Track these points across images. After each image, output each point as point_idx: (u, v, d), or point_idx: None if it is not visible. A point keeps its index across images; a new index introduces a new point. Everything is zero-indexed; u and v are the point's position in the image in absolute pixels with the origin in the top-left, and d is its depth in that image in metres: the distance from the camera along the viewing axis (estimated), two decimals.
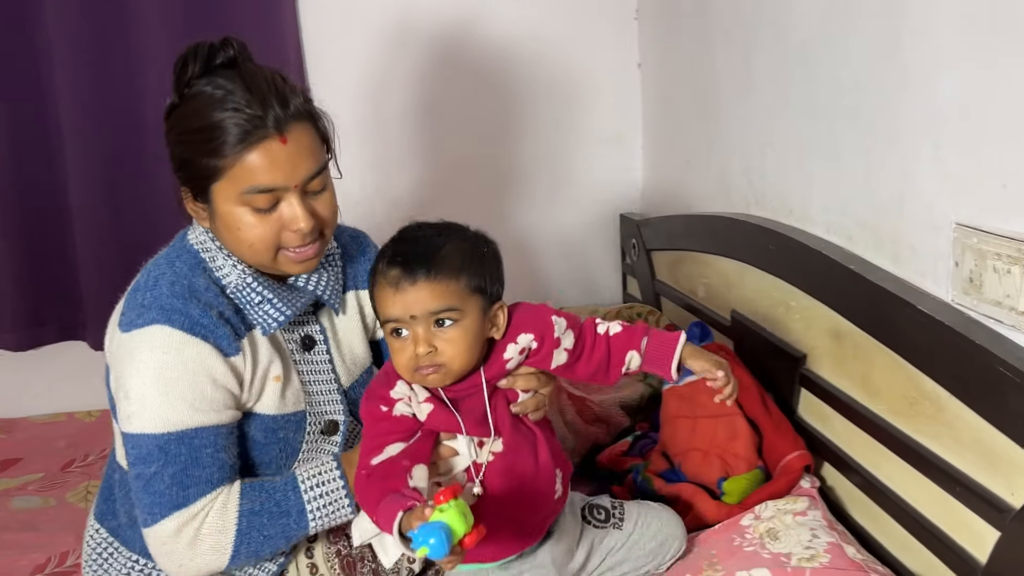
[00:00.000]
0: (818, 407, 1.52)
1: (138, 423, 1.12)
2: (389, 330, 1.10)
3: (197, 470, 1.12)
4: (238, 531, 1.13)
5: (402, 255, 1.08)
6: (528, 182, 2.53)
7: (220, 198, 1.13)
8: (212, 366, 1.13)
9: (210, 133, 1.09)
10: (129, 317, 1.14)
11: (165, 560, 1.15)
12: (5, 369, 2.41)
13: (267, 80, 1.12)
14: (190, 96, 1.12)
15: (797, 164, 1.61)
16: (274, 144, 1.10)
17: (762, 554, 1.21)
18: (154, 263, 1.21)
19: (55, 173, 2.27)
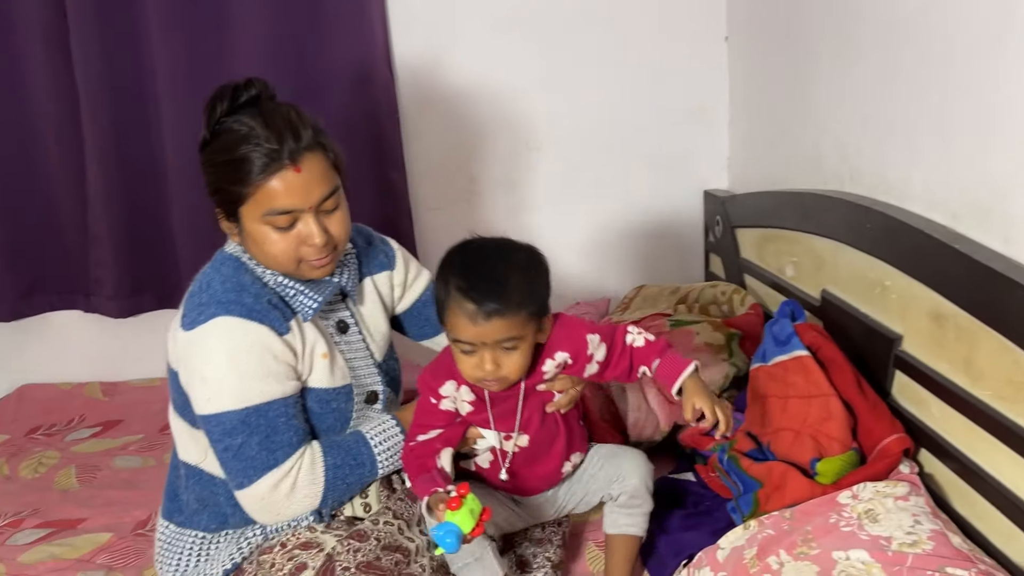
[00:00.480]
0: (914, 390, 1.47)
1: (217, 403, 1.30)
2: (460, 347, 1.29)
3: (278, 435, 1.31)
4: (326, 482, 1.35)
5: (477, 291, 1.25)
6: (608, 157, 2.50)
7: (247, 218, 1.31)
8: (270, 344, 1.31)
9: (237, 165, 1.28)
10: (190, 317, 1.32)
11: (264, 513, 1.35)
12: (107, 335, 2.53)
13: (283, 117, 1.30)
14: (219, 132, 1.30)
15: (899, 139, 1.56)
16: (289, 173, 1.28)
17: (860, 535, 1.18)
18: (201, 274, 1.40)
19: (153, 147, 2.36)
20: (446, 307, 1.28)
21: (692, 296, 2.25)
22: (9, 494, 1.92)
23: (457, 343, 1.29)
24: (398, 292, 1.60)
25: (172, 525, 1.45)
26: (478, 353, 1.28)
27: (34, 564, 1.62)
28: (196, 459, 1.41)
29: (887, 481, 1.31)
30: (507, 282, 1.26)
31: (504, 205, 2.52)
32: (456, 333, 1.28)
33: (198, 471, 1.41)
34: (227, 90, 1.30)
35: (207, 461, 1.40)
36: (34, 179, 2.38)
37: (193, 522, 1.43)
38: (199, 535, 1.43)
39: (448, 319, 1.29)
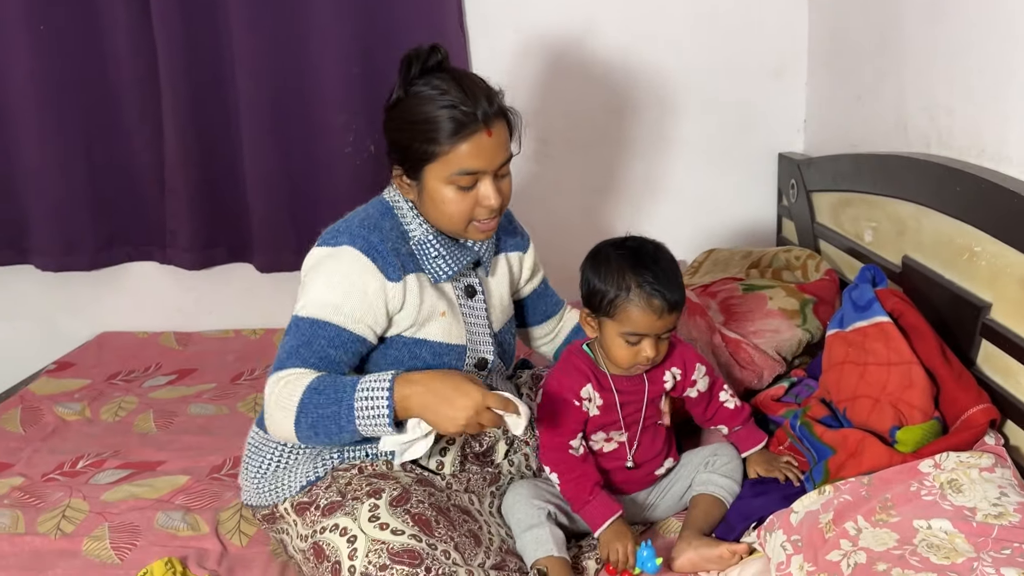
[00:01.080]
0: (1001, 360, 1.42)
1: (297, 307, 1.39)
2: (627, 339, 1.40)
3: (305, 350, 1.35)
4: (300, 402, 1.31)
5: (663, 286, 1.37)
6: (682, 120, 2.45)
7: (430, 177, 1.37)
8: (368, 282, 1.37)
9: (429, 125, 1.33)
10: (324, 238, 1.43)
11: (264, 413, 1.38)
12: (182, 287, 2.60)
13: (475, 82, 1.37)
14: (412, 93, 1.36)
15: (994, 98, 1.49)
16: (482, 136, 1.34)
17: (942, 505, 1.16)
18: (353, 211, 1.47)
19: (228, 106, 2.40)
20: (624, 302, 1.37)
21: (764, 260, 2.20)
22: (91, 436, 1.99)
23: (627, 335, 1.39)
24: (526, 275, 1.67)
25: (261, 432, 1.50)
26: (641, 343, 1.39)
27: (116, 503, 1.68)
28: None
29: (971, 452, 1.27)
30: (679, 277, 1.42)
31: (576, 167, 2.49)
32: (634, 327, 1.38)
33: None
34: (420, 53, 1.36)
35: None
36: (114, 135, 2.45)
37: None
38: (280, 446, 1.48)
39: (623, 313, 1.38)
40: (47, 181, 2.42)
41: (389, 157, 1.43)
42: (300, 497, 1.42)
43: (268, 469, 1.47)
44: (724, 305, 1.97)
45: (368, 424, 1.29)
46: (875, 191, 1.87)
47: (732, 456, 1.56)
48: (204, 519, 1.63)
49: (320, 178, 2.43)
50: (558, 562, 1.35)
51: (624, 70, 2.41)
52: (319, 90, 2.36)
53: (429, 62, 1.36)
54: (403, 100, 1.37)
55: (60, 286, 2.58)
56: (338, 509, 1.34)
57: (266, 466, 1.48)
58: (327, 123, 2.38)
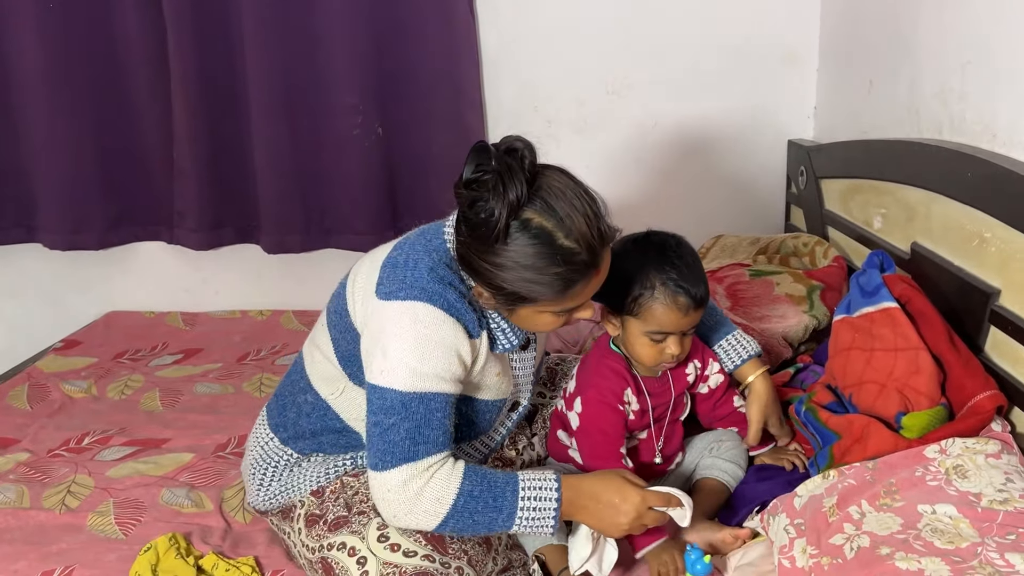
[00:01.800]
0: (1010, 347, 1.41)
1: (390, 378, 1.22)
2: (652, 338, 1.35)
3: (428, 430, 1.22)
4: (453, 506, 1.22)
5: (689, 284, 1.33)
6: (689, 104, 2.43)
7: (527, 310, 1.24)
8: (460, 344, 1.25)
9: (536, 285, 1.18)
10: (389, 288, 1.26)
11: (383, 505, 1.25)
12: (189, 267, 2.60)
13: (583, 213, 1.17)
14: (511, 239, 1.16)
15: (1008, 82, 1.47)
16: (592, 280, 1.21)
17: (947, 490, 1.15)
18: (410, 245, 1.30)
19: (236, 87, 2.39)
20: (649, 300, 1.32)
21: (772, 247, 2.19)
22: (97, 413, 2.00)
23: (652, 334, 1.35)
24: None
25: (276, 440, 1.46)
26: (666, 340, 1.35)
27: (121, 479, 1.69)
28: (327, 393, 1.41)
29: (977, 438, 1.27)
30: (703, 272, 1.37)
31: (580, 150, 2.48)
32: (660, 325, 1.34)
33: (326, 405, 1.41)
34: (515, 174, 1.14)
35: (340, 399, 1.39)
36: (123, 115, 2.45)
37: (294, 444, 1.45)
38: (292, 454, 1.44)
39: (649, 312, 1.33)
40: (55, 160, 2.43)
41: (464, 264, 1.24)
42: (310, 506, 1.39)
43: (276, 479, 1.44)
44: (731, 290, 1.96)
45: (526, 528, 1.25)
46: (885, 177, 1.86)
47: (736, 441, 1.55)
48: (208, 496, 1.63)
49: (328, 160, 2.43)
50: (557, 549, 1.36)
51: (633, 55, 2.39)
52: (328, 71, 2.36)
53: (526, 176, 1.15)
54: (502, 246, 1.16)
55: (68, 265, 2.59)
56: (344, 526, 1.31)
57: (272, 474, 1.45)
58: (336, 105, 2.37)
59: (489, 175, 1.15)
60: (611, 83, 2.43)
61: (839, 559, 1.11)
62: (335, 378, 1.39)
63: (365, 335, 1.29)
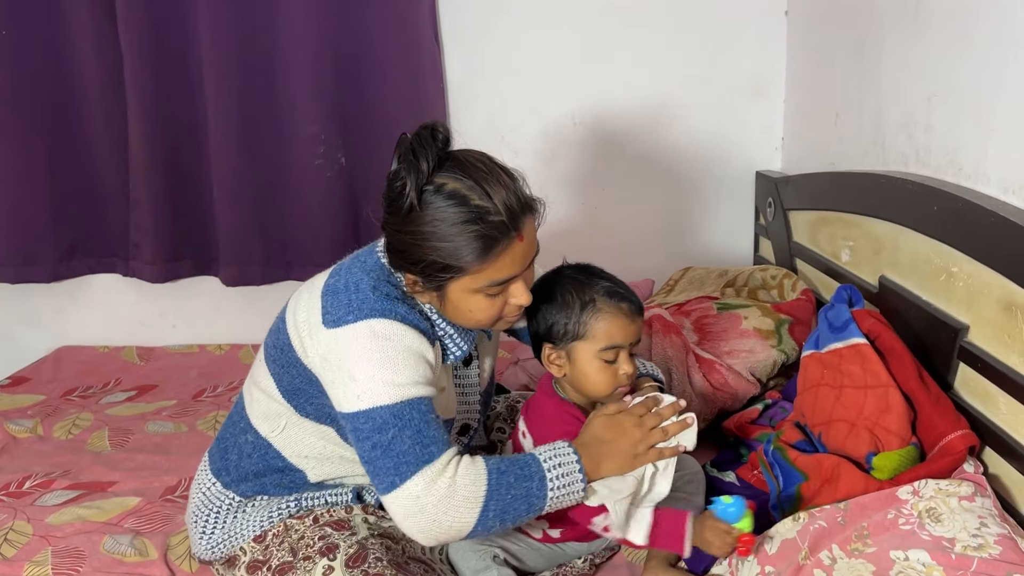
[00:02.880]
0: (979, 384, 1.38)
1: (370, 398, 1.18)
2: (606, 357, 1.30)
3: (430, 431, 1.19)
4: (489, 484, 1.17)
5: (623, 290, 1.32)
6: (656, 135, 2.42)
7: (456, 291, 1.22)
8: (425, 350, 1.22)
9: (453, 246, 1.16)
10: (336, 315, 1.22)
11: (416, 519, 1.17)
12: (146, 300, 2.53)
13: (497, 179, 1.18)
14: (426, 204, 1.16)
15: (973, 115, 1.46)
16: (515, 245, 1.19)
17: (920, 535, 1.11)
18: (346, 270, 1.28)
19: (196, 115, 2.34)
20: (594, 313, 1.29)
21: (740, 279, 2.16)
22: (41, 454, 1.91)
23: (605, 351, 1.30)
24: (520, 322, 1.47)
25: (219, 484, 1.41)
26: (617, 360, 1.31)
27: (61, 525, 1.60)
28: (267, 431, 1.36)
29: (951, 479, 1.23)
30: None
31: (547, 180, 2.45)
32: (611, 338, 1.29)
33: (267, 443, 1.36)
34: (427, 145, 1.16)
35: (280, 436, 1.34)
36: (77, 143, 2.39)
37: (236, 487, 1.39)
38: (235, 498, 1.39)
39: (597, 328, 1.29)
40: (4, 190, 2.36)
41: (391, 255, 1.24)
42: (253, 552, 1.33)
43: (220, 524, 1.39)
44: (698, 324, 1.92)
45: (561, 493, 1.21)
46: (852, 209, 1.84)
47: (695, 472, 1.48)
48: (153, 543, 1.55)
49: (289, 190, 2.37)
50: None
51: (600, 86, 2.37)
52: (289, 100, 2.31)
53: (437, 148, 1.16)
54: (417, 212, 1.16)
55: (18, 298, 2.51)
56: (289, 572, 1.25)
57: (215, 521, 1.39)
58: (297, 134, 2.33)
59: (403, 148, 1.17)
60: (577, 114, 2.40)
61: None
62: (276, 415, 1.34)
63: (326, 369, 1.23)
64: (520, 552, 1.39)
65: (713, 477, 1.59)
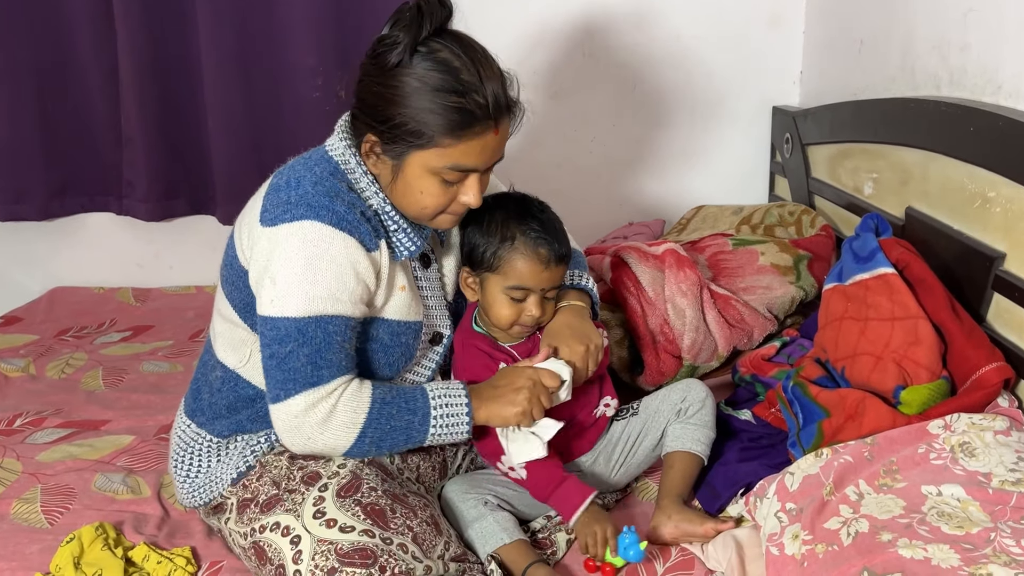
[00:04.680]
0: (1015, 315, 1.31)
1: (280, 306, 1.17)
2: (512, 295, 1.30)
3: (329, 353, 1.17)
4: (369, 413, 1.19)
5: (547, 237, 1.29)
6: (667, 69, 2.31)
7: (414, 163, 1.18)
8: (357, 259, 1.18)
9: (431, 110, 1.13)
10: (274, 213, 1.18)
11: (291, 434, 1.20)
12: (141, 240, 2.45)
13: (490, 63, 1.16)
14: (417, 63, 1.13)
15: (1013, 30, 1.36)
16: (489, 136, 1.16)
17: (954, 469, 1.04)
18: (290, 168, 1.25)
19: (188, 46, 2.24)
20: (510, 249, 1.29)
21: (756, 217, 2.08)
22: (33, 393, 1.85)
23: (512, 289, 1.29)
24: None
25: (193, 425, 1.37)
26: (527, 300, 1.30)
27: (52, 463, 1.55)
28: (235, 363, 1.32)
29: (984, 414, 1.16)
30: (565, 232, 1.34)
31: (556, 116, 2.36)
32: (520, 279, 1.29)
33: (235, 375, 1.32)
34: (433, 8, 1.14)
35: (247, 366, 1.30)
36: (66, 78, 2.29)
37: (211, 426, 1.35)
38: (212, 439, 1.35)
39: (508, 265, 1.29)
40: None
41: (358, 116, 1.21)
42: (239, 492, 1.28)
43: (202, 467, 1.34)
44: (713, 260, 1.84)
45: (444, 431, 1.24)
46: (877, 139, 1.75)
47: (703, 398, 1.42)
48: (146, 482, 1.50)
49: (287, 125, 2.28)
50: (511, 547, 1.25)
51: (610, 17, 2.26)
52: (285, 30, 2.21)
53: (443, 16, 1.15)
54: (404, 69, 1.13)
55: (9, 237, 2.43)
56: (277, 504, 1.20)
57: (198, 463, 1.34)
58: (295, 66, 2.23)
59: (407, 8, 1.14)
60: (588, 47, 2.30)
61: (835, 546, 1.00)
62: (240, 342, 1.30)
63: (252, 267, 1.21)
64: (511, 497, 1.35)
65: (728, 415, 1.53)
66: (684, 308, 1.65)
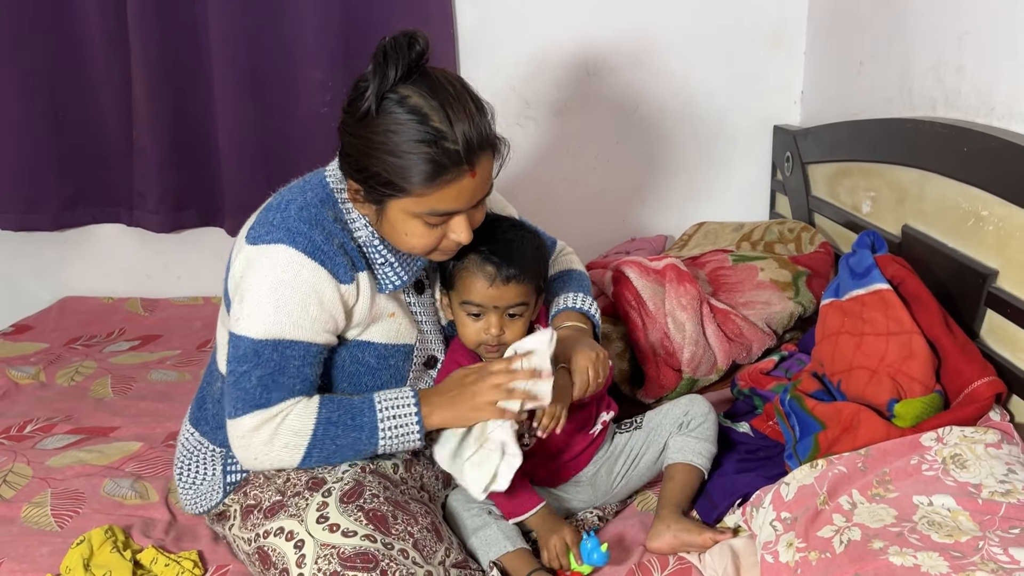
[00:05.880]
0: (1008, 331, 1.33)
1: (244, 325, 1.20)
2: (468, 310, 1.31)
3: (282, 377, 1.20)
4: (313, 436, 1.22)
5: (498, 256, 1.28)
6: (671, 87, 2.34)
7: (396, 210, 1.18)
8: (323, 290, 1.20)
9: (402, 162, 1.13)
10: (257, 232, 1.22)
11: (242, 451, 1.24)
12: (150, 251, 2.49)
13: (462, 103, 1.13)
14: (384, 111, 1.12)
15: (1007, 53, 1.40)
16: (465, 180, 1.15)
17: (945, 480, 1.07)
18: (287, 188, 1.27)
19: (200, 60, 2.28)
20: (461, 267, 1.30)
21: (756, 233, 2.11)
22: (43, 400, 1.89)
23: (466, 305, 1.31)
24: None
25: (197, 433, 1.40)
26: (484, 318, 1.31)
27: (61, 468, 1.58)
28: None
29: (976, 427, 1.18)
30: (524, 253, 1.32)
31: (560, 132, 2.39)
32: (468, 294, 1.31)
33: None
34: (399, 46, 1.11)
35: None
36: (80, 89, 2.33)
37: (214, 435, 1.38)
38: (214, 448, 1.37)
39: (460, 281, 1.31)
40: (6, 136, 2.30)
41: (341, 159, 1.21)
42: (242, 499, 1.30)
43: (206, 475, 1.36)
44: (713, 276, 1.87)
45: (394, 441, 1.24)
46: (875, 158, 1.78)
47: (706, 413, 1.44)
48: (154, 487, 1.53)
49: (296, 139, 2.32)
50: (514, 555, 1.27)
51: (614, 36, 2.30)
52: (295, 46, 2.25)
53: (411, 58, 1.12)
54: (373, 118, 1.12)
55: (21, 246, 2.46)
56: (280, 510, 1.23)
57: (203, 472, 1.37)
58: (304, 80, 2.27)
59: (376, 51, 1.12)
60: (591, 64, 2.34)
61: (827, 553, 1.02)
62: None
63: (230, 281, 1.25)
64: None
65: (727, 428, 1.55)
66: (684, 322, 1.68)
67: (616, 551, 1.29)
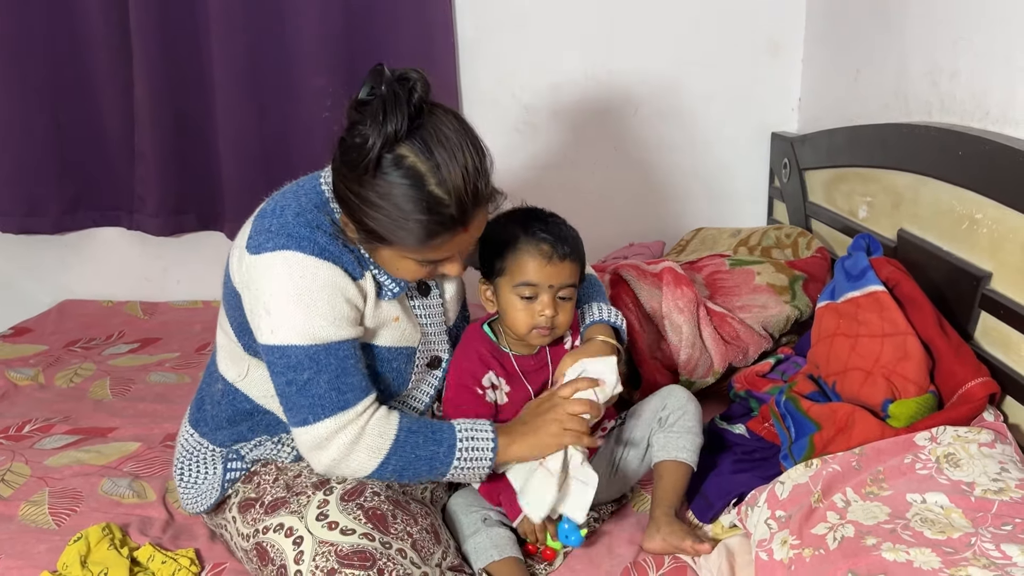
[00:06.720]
0: (1001, 332, 1.34)
1: (283, 335, 1.17)
2: (521, 293, 1.31)
3: (348, 378, 1.19)
4: (395, 440, 1.21)
5: (552, 234, 1.30)
6: (670, 94, 2.36)
7: (389, 253, 1.19)
8: (344, 286, 1.19)
9: (397, 228, 1.12)
10: (257, 241, 1.19)
11: (319, 454, 1.21)
12: (150, 254, 2.50)
13: (462, 163, 1.11)
14: (381, 173, 1.10)
15: (1001, 58, 1.41)
16: (457, 235, 1.16)
17: (938, 479, 1.07)
18: (280, 194, 1.25)
19: (201, 65, 2.30)
20: (514, 249, 1.30)
21: (754, 239, 2.12)
22: (42, 401, 1.89)
23: (521, 287, 1.30)
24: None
25: (196, 434, 1.40)
26: (538, 300, 1.30)
27: (59, 468, 1.58)
28: (234, 377, 1.34)
29: (969, 427, 1.19)
30: (572, 232, 1.35)
31: (559, 138, 2.41)
32: (523, 275, 1.30)
33: (234, 389, 1.34)
34: (399, 105, 1.07)
35: (245, 381, 1.33)
36: (82, 93, 2.35)
37: (213, 436, 1.38)
38: (213, 448, 1.37)
39: (513, 264, 1.30)
40: (7, 139, 2.32)
41: (338, 202, 1.18)
42: (245, 492, 1.30)
43: (206, 476, 1.36)
44: (710, 279, 1.88)
45: (466, 467, 1.25)
46: (871, 163, 1.79)
47: (683, 403, 1.42)
48: (152, 487, 1.53)
49: (296, 144, 2.33)
50: (501, 564, 1.26)
51: (613, 41, 2.32)
52: (296, 52, 2.27)
53: (410, 112, 1.08)
54: (370, 178, 1.09)
55: (22, 249, 2.48)
56: (282, 507, 1.23)
57: (203, 472, 1.36)
58: (304, 86, 2.28)
59: (375, 100, 1.09)
60: (589, 70, 2.35)
61: (821, 550, 1.03)
62: (240, 358, 1.32)
63: (245, 296, 1.21)
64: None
65: (722, 430, 1.55)
66: (681, 324, 1.68)
67: (615, 551, 1.29)
